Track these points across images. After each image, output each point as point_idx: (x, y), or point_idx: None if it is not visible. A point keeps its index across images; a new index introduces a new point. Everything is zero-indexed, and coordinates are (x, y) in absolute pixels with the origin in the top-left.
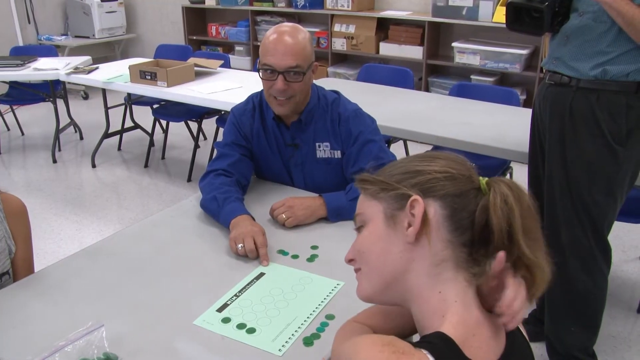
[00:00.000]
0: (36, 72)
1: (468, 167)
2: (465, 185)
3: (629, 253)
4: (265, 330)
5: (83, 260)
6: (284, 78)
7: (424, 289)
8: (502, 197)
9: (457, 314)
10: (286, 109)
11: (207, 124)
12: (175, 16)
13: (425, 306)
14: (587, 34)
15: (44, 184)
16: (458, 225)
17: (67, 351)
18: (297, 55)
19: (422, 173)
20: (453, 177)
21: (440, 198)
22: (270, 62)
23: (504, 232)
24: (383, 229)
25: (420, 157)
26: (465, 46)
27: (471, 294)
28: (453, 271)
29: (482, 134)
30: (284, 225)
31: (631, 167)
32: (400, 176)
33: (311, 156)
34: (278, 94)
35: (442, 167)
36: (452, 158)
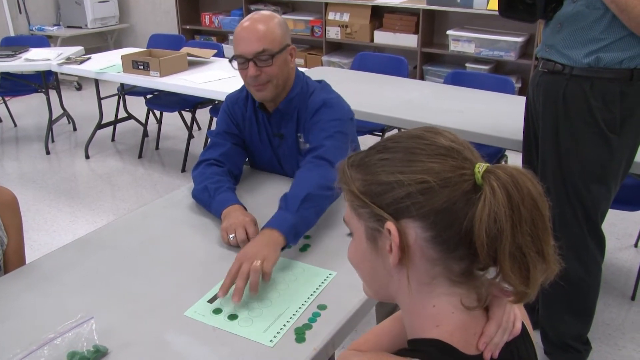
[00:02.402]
0: (28, 62)
1: (461, 158)
2: (452, 193)
3: (623, 241)
4: (256, 321)
5: (74, 252)
6: (255, 64)
7: (416, 304)
8: (492, 210)
9: (452, 323)
10: (265, 94)
11: (200, 114)
12: (168, 5)
13: (416, 318)
14: (580, 21)
15: (37, 176)
16: (447, 244)
17: (56, 344)
18: (264, 39)
19: (398, 186)
20: (431, 190)
21: (421, 218)
22: (239, 52)
23: (489, 254)
24: (367, 248)
25: (403, 149)
26: (460, 34)
27: (470, 302)
28: (447, 286)
29: (476, 122)
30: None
31: (625, 155)
32: (377, 187)
33: (296, 147)
34: (252, 80)
35: (420, 176)
36: (438, 151)
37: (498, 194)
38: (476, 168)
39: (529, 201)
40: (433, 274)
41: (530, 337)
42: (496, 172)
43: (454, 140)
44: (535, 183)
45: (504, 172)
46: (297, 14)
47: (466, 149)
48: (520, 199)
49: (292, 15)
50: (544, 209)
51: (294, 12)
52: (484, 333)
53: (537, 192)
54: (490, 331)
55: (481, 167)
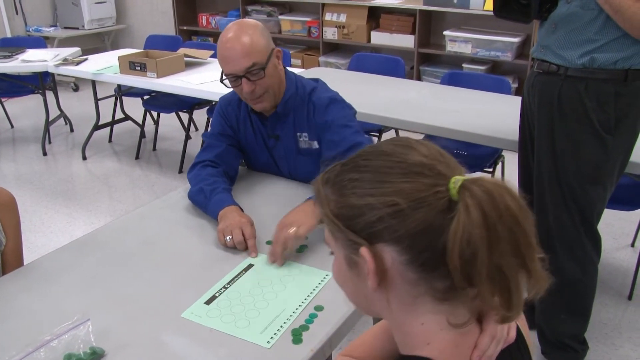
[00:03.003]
0: (24, 64)
1: (435, 174)
2: (426, 214)
3: (620, 240)
4: (253, 322)
5: (70, 254)
6: (248, 79)
7: (402, 322)
8: (465, 232)
9: (444, 340)
10: (265, 104)
11: (198, 115)
12: (165, 6)
13: (406, 338)
14: (574, 22)
15: (34, 177)
16: (426, 266)
17: (52, 346)
18: (251, 53)
19: (368, 210)
20: (403, 213)
21: (395, 242)
22: (229, 70)
23: (464, 278)
24: (347, 271)
25: (373, 169)
26: (456, 34)
27: (458, 318)
28: (432, 304)
29: (473, 122)
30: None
31: (620, 155)
32: (349, 211)
33: (294, 147)
34: (249, 95)
35: (390, 198)
36: (410, 169)
37: (472, 214)
38: (451, 183)
39: (508, 218)
40: (415, 294)
41: (525, 341)
42: (472, 188)
43: (427, 153)
44: (516, 197)
45: (480, 188)
46: (294, 14)
47: (440, 163)
48: (497, 217)
49: (289, 16)
50: (527, 224)
51: (291, 13)
52: (477, 346)
53: (517, 207)
54: (483, 344)
55: (457, 182)
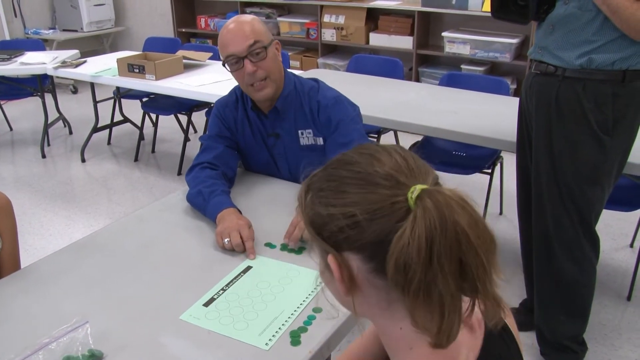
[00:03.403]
0: (23, 66)
1: (395, 185)
2: (383, 225)
3: (619, 241)
4: (252, 324)
5: (69, 256)
6: (250, 61)
7: (384, 326)
8: (404, 243)
9: (426, 344)
10: (266, 92)
11: (196, 117)
12: (163, 8)
13: (390, 342)
14: (572, 23)
15: (33, 180)
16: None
17: (51, 348)
18: (251, 33)
19: (330, 220)
20: (360, 225)
21: (358, 251)
22: (231, 52)
23: (397, 286)
24: (326, 274)
25: (337, 178)
26: (455, 36)
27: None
28: (407, 310)
29: (472, 123)
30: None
31: (618, 156)
32: (318, 219)
33: (294, 144)
34: (251, 78)
35: (349, 209)
36: (370, 179)
37: (418, 225)
38: (409, 192)
39: (453, 234)
40: (389, 300)
41: (516, 343)
42: (425, 199)
43: (389, 163)
44: (473, 214)
45: (431, 201)
46: (293, 16)
47: (402, 172)
48: (441, 231)
49: (288, 17)
50: (481, 244)
51: (290, 15)
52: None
53: (469, 224)
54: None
55: (415, 192)
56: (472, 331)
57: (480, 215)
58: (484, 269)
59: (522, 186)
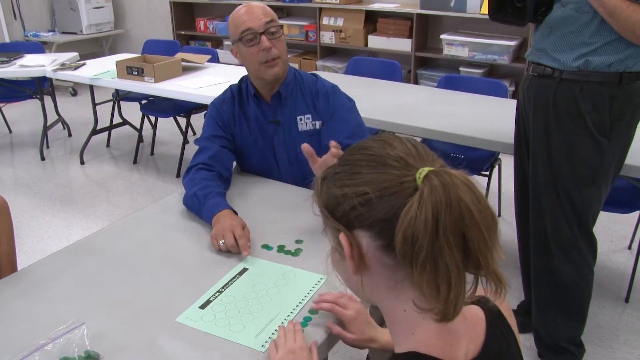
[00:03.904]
0: (22, 69)
1: (404, 166)
2: (393, 202)
3: (617, 243)
4: (248, 326)
5: (66, 258)
6: (267, 37)
7: (389, 308)
8: (413, 215)
9: (427, 330)
10: (277, 70)
11: (195, 119)
12: (163, 11)
13: (394, 325)
14: (569, 25)
15: (32, 182)
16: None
17: (47, 350)
18: (269, 12)
19: (344, 199)
20: (371, 201)
21: (368, 228)
22: (248, 26)
23: (405, 259)
24: (337, 256)
25: (351, 162)
26: (453, 38)
27: (426, 304)
28: (413, 290)
29: (469, 125)
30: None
31: (615, 158)
32: (332, 200)
33: (293, 131)
34: (265, 55)
35: (361, 188)
36: (381, 161)
37: (424, 200)
38: (417, 173)
39: (458, 209)
40: (396, 278)
41: (517, 342)
42: (431, 178)
43: (401, 148)
44: (475, 192)
45: (438, 179)
46: (292, 19)
47: (412, 156)
48: (446, 206)
49: (287, 20)
50: (483, 220)
51: (289, 17)
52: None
53: (472, 201)
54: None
55: (423, 172)
56: (472, 326)
57: (483, 195)
58: (485, 243)
59: (519, 188)
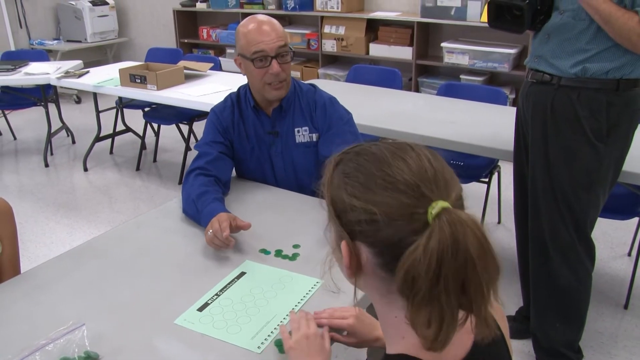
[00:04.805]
0: (27, 76)
1: (417, 195)
2: (399, 230)
3: (617, 250)
4: (245, 329)
5: (67, 261)
6: (277, 61)
7: (381, 311)
8: (417, 257)
9: (415, 337)
10: (282, 92)
11: (198, 127)
12: (166, 19)
13: (385, 326)
14: (567, 32)
15: (36, 188)
16: (394, 271)
17: (48, 350)
18: (282, 35)
19: (351, 210)
20: (378, 224)
21: (370, 245)
22: (261, 48)
23: (403, 292)
24: (337, 253)
25: (365, 172)
26: (454, 46)
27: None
28: (404, 300)
29: (469, 133)
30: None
31: (612, 163)
32: (340, 204)
33: (291, 142)
34: (273, 78)
35: (370, 207)
36: (395, 185)
37: (431, 245)
38: (430, 208)
39: (462, 261)
40: (390, 290)
41: (505, 343)
42: (442, 221)
43: (417, 170)
44: (484, 244)
45: (449, 225)
46: (294, 27)
47: (428, 182)
48: (451, 256)
49: (289, 28)
50: (484, 272)
51: (291, 26)
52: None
53: (478, 253)
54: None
55: (435, 209)
56: (462, 330)
57: (491, 246)
58: (482, 295)
59: (519, 193)
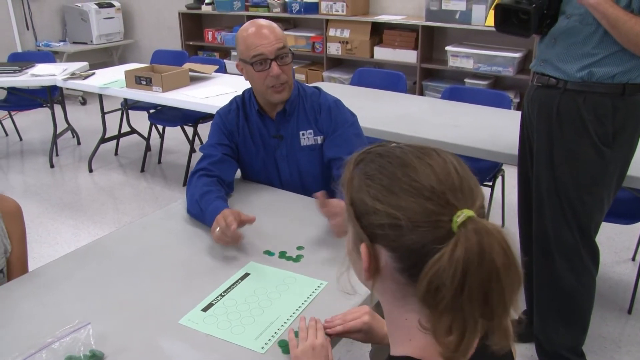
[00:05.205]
0: (33, 78)
1: (443, 203)
2: (422, 236)
3: (621, 254)
4: (248, 329)
5: (73, 261)
6: (277, 63)
7: (392, 312)
8: (442, 267)
9: (424, 339)
10: (284, 95)
11: (202, 129)
12: (171, 22)
13: (393, 328)
14: (573, 36)
15: (41, 189)
16: (414, 277)
17: (54, 348)
18: (280, 37)
19: (373, 213)
20: (401, 229)
21: (391, 250)
22: (260, 51)
23: (425, 301)
24: (353, 253)
25: (389, 176)
26: (458, 50)
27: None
28: (418, 305)
29: (473, 136)
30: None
31: (618, 168)
32: (361, 206)
33: (296, 145)
34: (274, 81)
35: (393, 211)
36: (420, 191)
37: (456, 255)
38: (455, 216)
39: (487, 273)
40: (404, 293)
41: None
42: (469, 231)
43: (443, 177)
44: (509, 255)
45: (475, 235)
46: (299, 30)
47: (453, 190)
48: (476, 266)
49: (294, 31)
50: (508, 284)
51: (296, 29)
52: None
53: (503, 265)
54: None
55: (460, 217)
56: None
57: (516, 258)
58: (504, 306)
59: (523, 197)
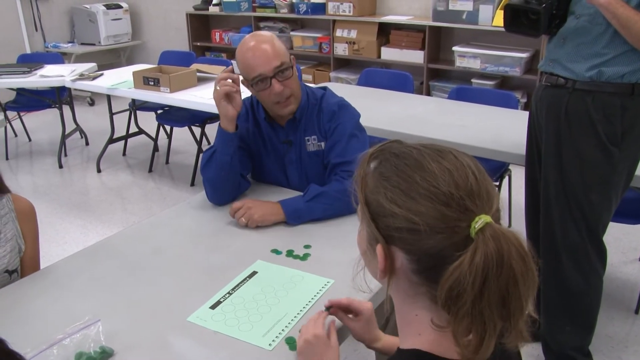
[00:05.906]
0: (42, 79)
1: (461, 209)
2: (440, 242)
3: (628, 255)
4: (256, 326)
5: (83, 259)
6: (277, 80)
7: (402, 308)
8: (462, 274)
9: (433, 333)
10: (291, 108)
11: (210, 129)
12: (179, 23)
13: (403, 323)
14: (583, 36)
15: (50, 189)
16: (430, 278)
17: (64, 344)
18: (277, 54)
19: (391, 216)
20: (419, 233)
21: (407, 252)
22: (259, 72)
23: (446, 306)
24: (367, 251)
25: (406, 178)
26: (465, 50)
27: (444, 322)
28: (430, 302)
29: (480, 136)
30: (246, 226)
31: (626, 168)
32: (377, 208)
33: (303, 151)
34: (278, 97)
35: (412, 216)
36: (438, 196)
37: (476, 262)
38: (473, 222)
39: (506, 278)
40: (416, 291)
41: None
42: (487, 237)
43: (461, 182)
44: (525, 259)
45: (494, 242)
46: (306, 30)
47: (471, 195)
48: (496, 273)
49: (301, 32)
50: (525, 288)
51: (303, 29)
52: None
53: (521, 271)
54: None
55: (478, 224)
56: None
57: (532, 261)
58: (520, 310)
59: (530, 197)
